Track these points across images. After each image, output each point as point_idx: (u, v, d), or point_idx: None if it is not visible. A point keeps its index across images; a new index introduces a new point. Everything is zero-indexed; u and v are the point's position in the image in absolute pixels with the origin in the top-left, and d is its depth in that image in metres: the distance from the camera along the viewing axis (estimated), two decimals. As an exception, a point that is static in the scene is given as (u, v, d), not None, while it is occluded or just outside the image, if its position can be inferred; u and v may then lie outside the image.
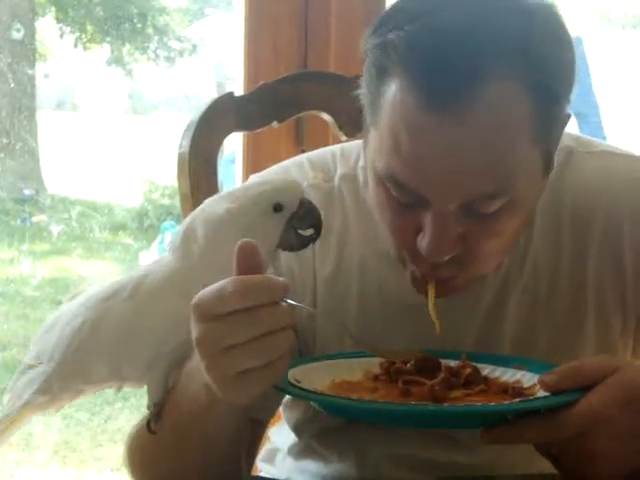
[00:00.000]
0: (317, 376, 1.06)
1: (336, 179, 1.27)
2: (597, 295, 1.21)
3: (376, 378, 1.07)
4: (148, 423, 1.11)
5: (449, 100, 1.00)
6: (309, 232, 1.08)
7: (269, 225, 1.05)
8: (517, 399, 0.99)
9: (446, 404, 0.99)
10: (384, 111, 1.05)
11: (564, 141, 1.22)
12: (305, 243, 1.08)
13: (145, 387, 1.11)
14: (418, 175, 1.04)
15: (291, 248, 1.09)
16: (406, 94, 1.02)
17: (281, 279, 0.96)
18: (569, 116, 1.12)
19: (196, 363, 0.99)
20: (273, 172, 1.31)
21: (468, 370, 1.07)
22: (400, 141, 1.03)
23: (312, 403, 1.08)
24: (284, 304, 0.95)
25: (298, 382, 1.02)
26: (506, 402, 0.98)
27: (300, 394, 1.02)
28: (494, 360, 1.12)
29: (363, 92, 1.10)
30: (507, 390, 1.03)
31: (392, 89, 1.03)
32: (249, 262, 0.95)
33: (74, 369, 1.10)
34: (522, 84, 1.02)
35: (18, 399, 1.10)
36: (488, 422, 0.99)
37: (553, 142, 1.10)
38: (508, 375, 1.09)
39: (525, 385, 1.05)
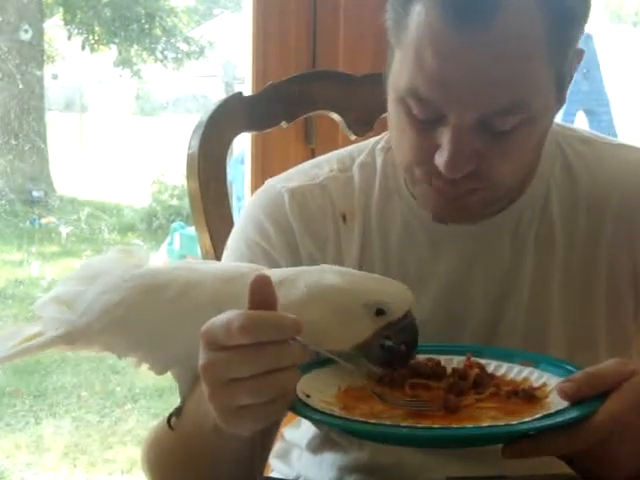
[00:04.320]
0: (323, 385, 1.03)
1: (354, 167, 1.29)
2: (609, 274, 1.23)
3: (380, 380, 1.05)
4: (170, 418, 1.11)
5: (473, 17, 1.05)
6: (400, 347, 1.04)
7: (363, 322, 1.03)
8: (539, 414, 0.97)
9: (468, 424, 0.96)
10: (409, 29, 1.09)
11: (584, 133, 1.29)
12: (386, 361, 1.04)
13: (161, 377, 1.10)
14: (439, 89, 1.08)
15: (375, 360, 1.04)
16: (432, 11, 1.06)
17: (292, 317, 0.94)
18: (582, 53, 1.16)
19: None
20: (292, 174, 1.31)
21: (475, 371, 1.05)
22: (424, 57, 1.07)
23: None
24: (293, 342, 0.93)
25: (308, 397, 0.99)
26: (528, 419, 0.96)
27: (317, 418, 0.99)
28: (498, 355, 1.10)
29: (388, 14, 1.14)
30: (517, 392, 1.02)
31: (418, 8, 1.08)
32: (262, 297, 0.94)
33: (98, 337, 1.09)
34: (541, 3, 1.07)
35: (41, 335, 1.09)
36: (511, 438, 0.98)
37: (566, 68, 1.14)
38: (515, 372, 1.07)
39: (535, 384, 1.04)
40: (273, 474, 1.35)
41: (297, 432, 1.32)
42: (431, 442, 0.99)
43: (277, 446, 1.34)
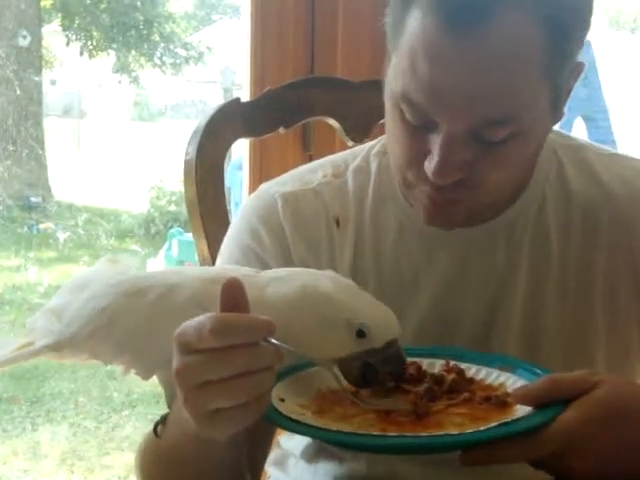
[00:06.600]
0: (302, 388, 1.03)
1: (348, 173, 1.29)
2: (606, 282, 1.22)
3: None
4: (156, 426, 1.11)
5: (467, 25, 1.04)
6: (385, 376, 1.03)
7: (342, 339, 1.01)
8: (495, 423, 0.97)
9: (424, 433, 0.96)
10: (405, 35, 1.10)
11: (580, 141, 1.29)
12: (362, 383, 1.04)
13: (151, 380, 1.10)
14: (431, 96, 1.08)
15: (352, 379, 1.03)
16: (427, 17, 1.06)
17: (265, 318, 0.93)
18: (582, 66, 1.15)
19: None
20: (287, 178, 1.31)
21: (452, 376, 1.05)
22: (417, 62, 1.08)
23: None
24: (266, 344, 0.92)
25: (282, 401, 1.00)
26: (483, 428, 0.96)
27: (281, 423, 0.98)
28: (478, 359, 1.11)
29: (387, 20, 1.14)
30: (490, 398, 1.01)
31: (415, 13, 1.08)
32: (234, 299, 0.94)
33: (84, 345, 1.10)
34: (537, 15, 1.06)
35: (31, 345, 1.12)
36: (469, 445, 0.98)
37: (562, 83, 1.13)
38: (493, 377, 1.08)
39: (509, 390, 1.04)
40: (270, 481, 1.35)
41: (292, 441, 1.32)
42: (382, 449, 1.00)
43: (274, 454, 1.34)
